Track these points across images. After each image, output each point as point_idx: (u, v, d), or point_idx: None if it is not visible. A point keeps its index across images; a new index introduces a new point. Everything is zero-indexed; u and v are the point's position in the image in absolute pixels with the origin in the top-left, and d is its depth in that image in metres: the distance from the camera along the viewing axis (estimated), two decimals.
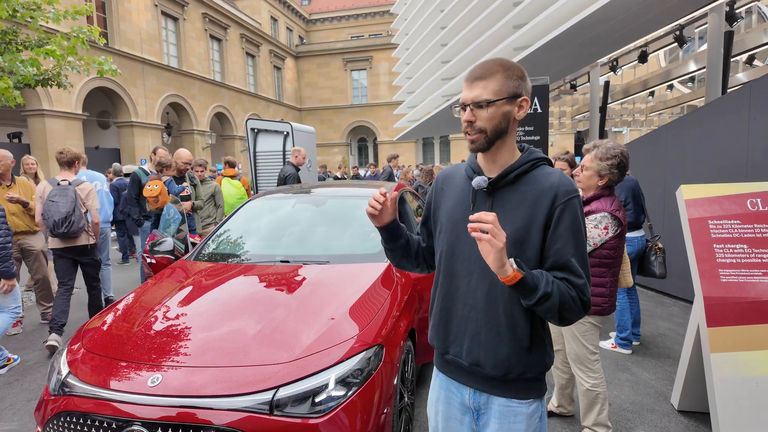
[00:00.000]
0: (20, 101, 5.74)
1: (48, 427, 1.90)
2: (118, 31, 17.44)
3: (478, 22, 12.90)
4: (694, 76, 16.36)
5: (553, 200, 1.21)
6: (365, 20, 36.23)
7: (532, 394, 1.29)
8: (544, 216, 1.21)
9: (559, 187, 1.21)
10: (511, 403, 1.29)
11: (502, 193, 1.26)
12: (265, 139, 6.78)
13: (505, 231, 1.20)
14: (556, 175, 1.24)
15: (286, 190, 3.92)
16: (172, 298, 2.45)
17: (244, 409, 1.74)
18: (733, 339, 2.42)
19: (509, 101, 1.21)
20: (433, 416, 1.45)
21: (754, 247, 2.54)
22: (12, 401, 3.21)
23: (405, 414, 2.42)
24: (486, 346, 1.26)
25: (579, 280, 1.20)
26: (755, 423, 2.34)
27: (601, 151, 2.40)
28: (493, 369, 1.26)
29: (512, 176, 1.25)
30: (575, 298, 1.19)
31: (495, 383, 1.29)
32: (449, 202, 1.37)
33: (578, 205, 1.23)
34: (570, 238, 1.21)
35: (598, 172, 2.41)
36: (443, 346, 1.37)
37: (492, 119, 1.21)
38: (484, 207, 1.27)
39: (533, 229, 1.22)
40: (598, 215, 2.35)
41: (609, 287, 2.42)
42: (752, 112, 4.11)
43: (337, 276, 2.67)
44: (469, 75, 1.24)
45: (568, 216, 1.21)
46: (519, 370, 1.25)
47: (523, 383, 1.28)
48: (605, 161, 2.39)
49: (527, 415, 1.28)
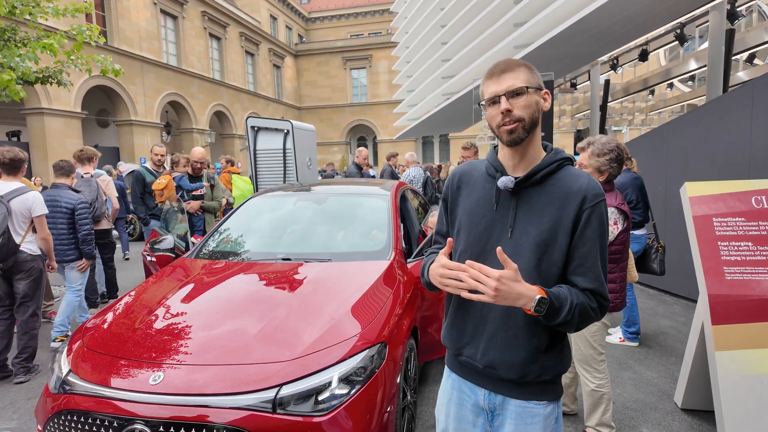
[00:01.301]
0: (23, 95, 5.75)
1: (48, 425, 1.88)
2: (117, 29, 17.40)
3: (479, 20, 12.88)
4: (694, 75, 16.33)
5: (581, 203, 1.19)
6: (365, 19, 36.17)
7: (548, 396, 1.27)
8: (572, 219, 1.20)
9: (588, 191, 1.20)
10: (528, 404, 1.26)
11: (527, 193, 1.24)
12: (266, 138, 6.74)
13: (530, 233, 1.21)
14: (584, 177, 1.23)
15: (287, 188, 3.90)
16: (173, 297, 2.43)
17: (247, 408, 1.72)
18: (737, 337, 2.40)
19: (537, 91, 1.21)
20: (444, 418, 1.41)
21: (759, 244, 2.52)
22: (12, 400, 3.19)
23: (408, 412, 2.41)
24: (502, 348, 1.23)
25: (602, 287, 1.21)
26: (760, 421, 2.33)
27: (598, 147, 2.38)
28: (508, 372, 1.24)
29: (539, 176, 1.23)
30: (595, 309, 1.20)
31: (510, 386, 1.27)
32: (469, 200, 1.33)
33: (605, 209, 1.22)
34: (596, 243, 1.20)
35: (597, 168, 2.39)
36: (457, 346, 1.34)
37: (528, 107, 1.19)
38: (508, 207, 1.25)
39: (560, 232, 1.20)
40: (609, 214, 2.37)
41: (619, 282, 2.39)
42: (755, 111, 4.10)
43: (339, 274, 2.65)
44: (493, 70, 1.23)
45: (595, 220, 1.20)
46: (535, 373, 1.23)
47: (540, 386, 1.26)
48: (603, 157, 2.37)
49: (544, 416, 1.26)
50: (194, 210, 5.00)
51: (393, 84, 28.92)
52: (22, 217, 3.48)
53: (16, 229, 3.45)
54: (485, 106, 1.24)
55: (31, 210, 3.49)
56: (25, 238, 3.52)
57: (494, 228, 1.26)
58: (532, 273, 1.20)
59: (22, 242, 3.48)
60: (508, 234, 1.23)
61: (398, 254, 2.90)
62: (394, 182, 3.91)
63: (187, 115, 21.80)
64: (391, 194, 3.47)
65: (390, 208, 3.28)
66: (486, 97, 1.23)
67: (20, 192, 3.46)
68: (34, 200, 3.50)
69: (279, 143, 6.68)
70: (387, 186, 3.71)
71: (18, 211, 3.44)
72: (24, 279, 3.51)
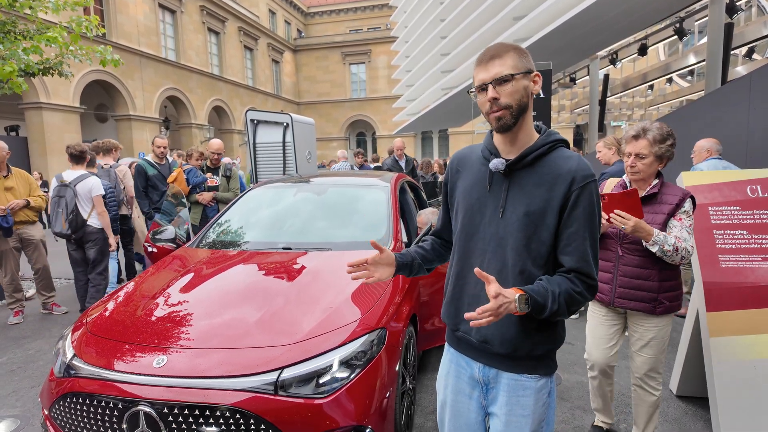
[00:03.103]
0: (25, 87, 5.77)
1: (54, 408, 1.91)
2: (115, 24, 17.34)
3: (478, 14, 12.87)
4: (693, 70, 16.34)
5: (570, 184, 1.23)
6: (364, 13, 36.04)
7: (540, 370, 1.32)
8: (560, 199, 1.23)
9: (577, 172, 1.23)
10: (520, 378, 1.32)
11: (519, 175, 1.28)
12: (265, 131, 6.73)
13: (519, 212, 1.26)
14: (574, 159, 1.26)
15: (287, 180, 3.92)
16: (174, 285, 2.46)
17: (250, 390, 1.76)
18: (731, 323, 2.44)
19: (525, 76, 1.23)
20: (442, 389, 1.48)
21: (754, 232, 2.56)
22: (15, 388, 3.23)
23: (407, 398, 2.44)
24: (495, 324, 1.27)
25: (588, 266, 1.24)
26: (754, 406, 2.37)
27: (657, 133, 2.11)
28: (501, 346, 1.29)
29: (530, 158, 1.26)
30: (581, 292, 1.23)
31: (503, 359, 1.32)
32: (465, 183, 1.39)
33: (594, 190, 1.24)
34: (585, 223, 1.23)
35: (659, 156, 2.13)
36: (454, 322, 1.41)
37: (515, 93, 1.22)
38: (501, 188, 1.30)
39: (549, 212, 1.24)
40: (686, 204, 2.11)
41: (678, 279, 2.19)
42: (752, 102, 4.13)
43: (340, 262, 2.68)
44: (482, 57, 1.26)
45: (584, 200, 1.23)
46: (527, 347, 1.28)
47: (531, 360, 1.31)
48: (665, 143, 2.11)
49: (535, 389, 1.31)
50: (206, 201, 5.03)
51: (392, 79, 28.88)
52: (86, 197, 4.37)
53: (84, 207, 4.38)
54: (476, 93, 1.28)
55: (91, 191, 4.38)
56: (90, 214, 4.44)
57: (487, 208, 1.31)
58: (522, 251, 1.25)
59: (88, 218, 4.42)
60: (500, 214, 1.29)
61: (398, 244, 2.93)
62: (393, 174, 3.93)
63: (185, 110, 21.75)
64: (390, 185, 3.50)
65: (389, 199, 3.31)
66: (475, 85, 1.27)
67: (83, 177, 4.39)
68: (93, 183, 4.42)
69: (278, 136, 6.68)
70: (386, 177, 3.74)
71: (82, 193, 4.34)
72: (92, 247, 4.52)
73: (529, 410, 1.31)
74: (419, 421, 2.71)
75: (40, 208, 4.63)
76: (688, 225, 2.09)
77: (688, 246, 2.05)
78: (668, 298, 2.14)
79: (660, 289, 2.12)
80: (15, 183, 4.48)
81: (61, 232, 4.31)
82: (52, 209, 4.32)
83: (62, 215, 4.22)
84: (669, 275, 2.13)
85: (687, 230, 2.08)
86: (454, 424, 1.44)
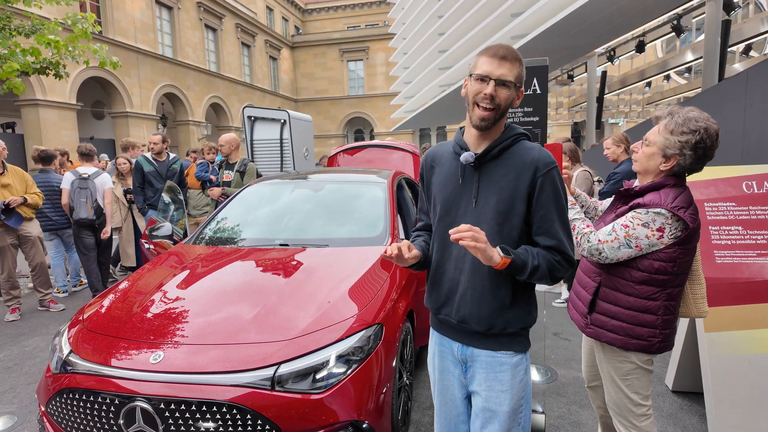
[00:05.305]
0: (23, 89, 5.76)
1: (51, 404, 1.92)
2: (111, 20, 17.22)
3: (476, 10, 12.83)
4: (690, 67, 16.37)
5: (534, 173, 1.35)
6: (362, 10, 35.91)
7: (515, 347, 1.43)
8: (527, 186, 1.35)
9: (539, 161, 1.35)
10: (496, 354, 1.43)
11: (488, 167, 1.40)
12: (263, 127, 6.73)
13: (491, 201, 1.38)
14: (536, 149, 1.38)
15: (284, 176, 3.92)
16: (171, 281, 2.46)
17: (247, 385, 1.76)
18: (726, 318, 2.45)
19: (518, 89, 1.35)
20: (432, 370, 1.61)
21: (749, 228, 2.57)
22: (12, 384, 3.22)
23: (404, 393, 2.45)
24: (472, 304, 1.41)
25: (561, 244, 1.36)
26: (748, 401, 2.38)
27: (676, 121, 1.64)
28: (477, 324, 1.41)
29: (496, 151, 1.38)
30: (560, 261, 1.36)
31: (479, 337, 1.44)
32: (440, 177, 1.49)
33: (557, 175, 1.36)
34: (552, 206, 1.36)
35: (663, 149, 1.66)
36: (436, 306, 1.53)
37: (507, 99, 1.33)
38: (472, 180, 1.41)
39: (517, 199, 1.35)
40: (651, 210, 1.64)
41: (661, 315, 1.71)
42: (748, 98, 4.14)
43: (337, 259, 2.68)
44: (496, 52, 1.32)
45: (548, 186, 1.35)
46: (501, 325, 1.40)
47: (506, 337, 1.42)
48: (677, 136, 1.63)
49: (512, 365, 1.42)
50: (216, 196, 5.04)
51: (390, 76, 28.79)
52: (101, 189, 5.00)
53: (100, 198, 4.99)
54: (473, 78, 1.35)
55: (104, 185, 5.02)
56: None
57: (461, 199, 1.43)
58: (495, 237, 1.36)
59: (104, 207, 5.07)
60: (473, 204, 1.41)
61: (394, 240, 2.93)
62: (390, 171, 3.93)
63: (183, 107, 21.66)
64: (387, 182, 3.50)
65: (386, 195, 3.31)
66: (477, 71, 1.33)
67: (98, 173, 5.05)
68: (105, 178, 5.08)
69: (276, 133, 6.68)
70: (384, 174, 3.74)
71: (98, 186, 4.96)
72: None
73: (507, 385, 1.41)
74: (416, 417, 2.71)
75: (36, 205, 4.61)
76: (621, 223, 1.70)
77: (593, 237, 1.73)
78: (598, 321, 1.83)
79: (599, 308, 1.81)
80: (11, 180, 4.47)
81: (87, 218, 4.82)
82: (75, 200, 4.80)
83: (88, 203, 4.82)
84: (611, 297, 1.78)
85: (615, 224, 1.71)
86: (441, 400, 1.57)
